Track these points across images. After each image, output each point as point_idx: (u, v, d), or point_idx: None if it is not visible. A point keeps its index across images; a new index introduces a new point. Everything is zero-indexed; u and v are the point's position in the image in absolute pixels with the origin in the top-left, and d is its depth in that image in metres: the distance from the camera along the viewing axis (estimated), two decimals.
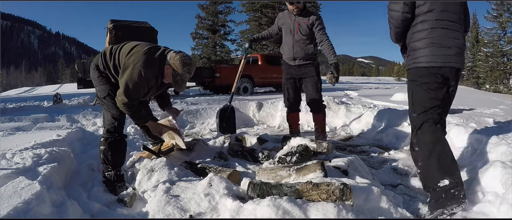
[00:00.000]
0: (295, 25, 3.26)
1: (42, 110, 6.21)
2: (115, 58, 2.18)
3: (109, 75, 2.23)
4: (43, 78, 79.17)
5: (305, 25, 3.23)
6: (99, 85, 2.24)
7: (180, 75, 2.11)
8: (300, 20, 3.26)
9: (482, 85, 29.82)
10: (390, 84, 23.23)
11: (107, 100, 2.20)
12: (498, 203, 1.67)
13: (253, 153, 2.67)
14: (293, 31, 3.29)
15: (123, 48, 2.19)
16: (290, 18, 3.32)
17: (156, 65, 2.10)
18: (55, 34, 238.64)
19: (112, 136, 2.21)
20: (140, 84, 2.06)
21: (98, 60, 2.25)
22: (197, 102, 6.60)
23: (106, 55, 2.23)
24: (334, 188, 1.50)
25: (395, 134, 3.70)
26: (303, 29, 3.24)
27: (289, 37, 3.32)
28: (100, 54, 2.28)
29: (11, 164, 2.07)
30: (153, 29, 8.39)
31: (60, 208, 1.60)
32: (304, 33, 3.25)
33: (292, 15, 3.30)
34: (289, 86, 3.44)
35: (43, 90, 27.89)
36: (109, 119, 2.22)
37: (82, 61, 8.74)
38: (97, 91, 2.28)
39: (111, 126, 2.21)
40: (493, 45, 29.08)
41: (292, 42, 3.30)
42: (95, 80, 2.26)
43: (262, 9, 25.45)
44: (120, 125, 2.25)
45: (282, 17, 3.41)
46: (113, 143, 2.20)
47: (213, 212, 1.67)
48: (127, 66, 2.06)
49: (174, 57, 2.10)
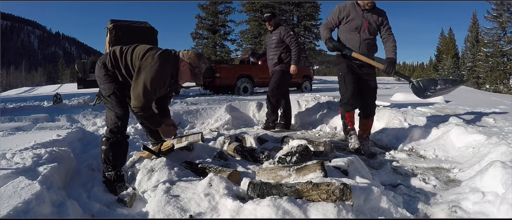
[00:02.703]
0: (364, 22, 2.94)
1: (42, 110, 6.21)
2: (127, 59, 2.22)
3: (118, 74, 2.24)
4: (43, 78, 79.17)
5: (374, 24, 2.96)
6: (104, 83, 2.23)
7: (198, 67, 2.26)
8: (369, 17, 2.94)
9: (482, 85, 29.84)
10: (390, 84, 23.22)
11: (111, 99, 2.19)
12: (498, 203, 1.67)
13: (253, 153, 2.67)
14: (360, 29, 2.98)
15: (136, 50, 2.24)
16: (357, 13, 2.96)
17: (171, 64, 2.21)
18: (55, 34, 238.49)
19: (115, 136, 2.20)
20: (157, 84, 2.14)
21: (106, 59, 2.25)
22: (197, 102, 6.60)
23: (116, 54, 2.25)
24: (334, 188, 1.50)
25: (395, 134, 3.70)
26: (373, 28, 2.97)
27: (355, 34, 2.99)
28: (109, 53, 2.29)
29: (11, 164, 2.07)
30: (153, 29, 8.39)
31: (60, 208, 1.60)
32: (373, 32, 3.00)
33: (360, 9, 2.94)
34: (352, 80, 3.05)
35: (43, 90, 27.90)
36: (112, 118, 2.21)
37: (82, 61, 8.73)
38: (101, 89, 2.25)
39: (114, 126, 2.20)
40: (493, 45, 29.10)
41: (358, 41, 2.98)
42: (101, 78, 2.25)
43: (262, 9, 25.45)
44: (124, 125, 2.25)
45: (345, 9, 3.00)
46: (115, 144, 2.20)
47: (213, 212, 1.67)
48: (143, 67, 2.11)
49: (188, 53, 2.26)
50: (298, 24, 27.71)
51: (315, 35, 27.75)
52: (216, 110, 5.33)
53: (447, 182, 2.39)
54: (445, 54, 43.57)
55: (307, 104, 5.31)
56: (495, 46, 28.77)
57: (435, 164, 2.77)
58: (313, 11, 27.07)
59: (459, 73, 38.43)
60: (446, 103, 6.31)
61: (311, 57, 27.56)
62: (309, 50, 27.25)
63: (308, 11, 26.78)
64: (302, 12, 26.95)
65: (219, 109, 5.33)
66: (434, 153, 3.05)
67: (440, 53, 46.46)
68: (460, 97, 7.66)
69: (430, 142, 3.28)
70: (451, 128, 3.33)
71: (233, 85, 11.22)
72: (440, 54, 46.33)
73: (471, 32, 37.77)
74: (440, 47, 47.27)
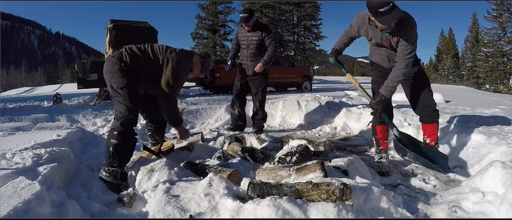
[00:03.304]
0: (384, 42, 2.54)
1: (42, 110, 6.20)
2: (148, 52, 2.42)
3: (137, 68, 2.34)
4: (43, 78, 79.11)
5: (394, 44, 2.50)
6: (117, 77, 2.24)
7: (207, 61, 2.73)
8: (389, 38, 2.49)
9: (482, 85, 29.85)
10: None
11: (123, 91, 2.21)
12: (498, 203, 1.67)
13: (253, 153, 2.67)
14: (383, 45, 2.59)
15: (154, 46, 2.48)
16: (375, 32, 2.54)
17: (189, 58, 2.57)
18: (55, 34, 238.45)
19: (127, 131, 2.22)
20: (182, 73, 2.46)
21: (122, 54, 2.35)
22: (197, 102, 6.60)
23: (134, 50, 2.39)
24: (334, 188, 1.50)
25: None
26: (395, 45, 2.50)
27: (380, 48, 2.64)
28: (124, 49, 2.39)
29: (11, 164, 2.07)
30: (153, 29, 8.38)
31: (60, 208, 1.60)
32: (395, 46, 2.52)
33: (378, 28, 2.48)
34: None
35: (43, 90, 27.87)
36: (122, 112, 2.21)
37: (82, 61, 8.71)
38: (112, 82, 2.25)
39: (125, 119, 2.21)
40: (493, 45, 29.14)
41: (386, 55, 2.64)
42: (114, 73, 2.26)
43: (262, 9, 25.46)
44: (134, 119, 2.27)
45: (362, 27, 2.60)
46: (126, 139, 2.21)
47: (213, 212, 1.67)
48: (171, 59, 2.38)
49: (198, 50, 2.76)
50: (298, 24, 27.71)
51: (315, 35, 27.75)
52: (216, 110, 5.33)
53: (447, 182, 2.39)
54: (445, 54, 43.57)
55: (307, 104, 5.31)
56: (495, 46, 28.79)
57: None
58: (313, 11, 27.08)
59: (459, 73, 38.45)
60: (446, 103, 6.32)
61: (311, 57, 27.55)
62: (309, 50, 27.25)
63: (308, 11, 26.78)
64: (302, 12, 26.95)
65: (219, 109, 5.33)
66: None
67: (440, 53, 46.44)
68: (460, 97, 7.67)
69: None
70: (451, 128, 3.33)
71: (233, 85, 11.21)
72: (440, 54, 46.32)
73: (471, 32, 37.77)
74: (440, 47, 47.24)
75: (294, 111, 5.18)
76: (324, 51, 28.67)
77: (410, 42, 2.35)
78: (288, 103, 5.40)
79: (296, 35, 27.93)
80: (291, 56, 26.22)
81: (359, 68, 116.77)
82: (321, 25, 27.93)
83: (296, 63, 21.58)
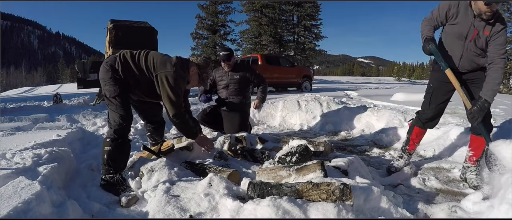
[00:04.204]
0: (471, 32, 2.25)
1: (42, 110, 6.21)
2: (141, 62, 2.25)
3: (129, 77, 2.24)
4: (43, 78, 79.17)
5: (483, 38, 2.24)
6: (109, 85, 2.21)
7: (206, 72, 2.49)
8: (480, 28, 2.21)
9: None
10: (390, 84, 23.24)
11: (116, 100, 2.18)
12: (498, 203, 1.67)
13: (253, 153, 2.67)
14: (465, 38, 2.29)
15: (149, 56, 2.28)
16: (466, 17, 2.26)
17: (187, 69, 2.35)
18: (55, 34, 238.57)
19: (120, 138, 2.20)
20: (181, 88, 2.28)
21: (115, 62, 2.24)
22: (197, 102, 6.59)
23: (127, 58, 2.25)
24: (334, 188, 1.50)
25: (395, 134, 3.69)
26: (481, 42, 2.25)
27: (458, 42, 2.33)
28: (118, 56, 2.27)
29: (11, 164, 2.07)
30: (153, 29, 8.38)
31: (60, 208, 1.60)
32: (480, 46, 2.27)
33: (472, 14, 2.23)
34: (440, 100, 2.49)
35: (43, 90, 27.88)
36: (116, 120, 2.19)
37: (82, 61, 8.73)
38: (105, 90, 2.24)
39: (119, 127, 2.19)
40: None
41: (461, 51, 2.33)
42: (106, 80, 2.22)
43: (262, 9, 25.48)
44: (127, 127, 2.25)
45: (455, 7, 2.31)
46: (119, 146, 2.19)
47: (213, 212, 1.67)
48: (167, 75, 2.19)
49: (197, 58, 2.45)
50: (298, 24, 27.73)
51: (315, 35, 27.76)
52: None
53: (447, 182, 2.39)
54: None
55: (307, 104, 5.31)
56: None
57: (435, 164, 2.77)
58: (313, 11, 27.11)
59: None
60: None
61: (311, 57, 27.57)
62: (309, 50, 27.27)
63: (308, 11, 26.80)
64: (302, 12, 26.97)
65: None
66: (434, 153, 3.05)
67: None
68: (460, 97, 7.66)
69: (430, 142, 3.28)
70: (451, 128, 3.33)
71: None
72: None
73: None
74: None
75: (294, 111, 5.18)
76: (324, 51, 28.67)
77: (504, 41, 2.17)
78: (288, 103, 5.41)
79: (296, 35, 27.96)
80: (291, 56, 26.25)
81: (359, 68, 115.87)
82: (321, 25, 27.99)
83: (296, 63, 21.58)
